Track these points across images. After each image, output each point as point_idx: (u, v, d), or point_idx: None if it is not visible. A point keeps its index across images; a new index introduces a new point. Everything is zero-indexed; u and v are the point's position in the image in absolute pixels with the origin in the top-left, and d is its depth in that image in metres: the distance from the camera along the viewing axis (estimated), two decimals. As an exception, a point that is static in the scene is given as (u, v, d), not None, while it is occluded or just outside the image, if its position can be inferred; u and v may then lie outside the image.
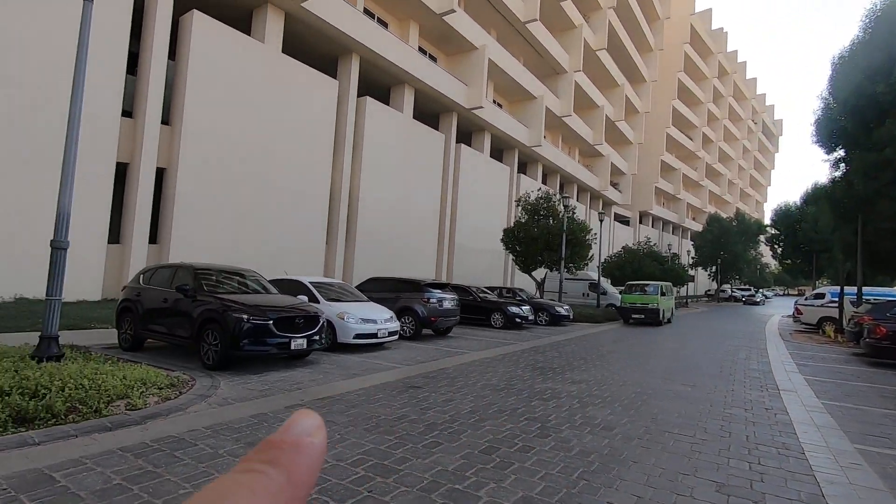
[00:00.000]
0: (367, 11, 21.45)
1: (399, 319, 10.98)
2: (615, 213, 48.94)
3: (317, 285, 10.14)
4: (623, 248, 35.51)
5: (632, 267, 32.14)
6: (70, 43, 11.61)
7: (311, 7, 17.01)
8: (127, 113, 13.78)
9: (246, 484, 0.20)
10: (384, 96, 23.29)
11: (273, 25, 16.96)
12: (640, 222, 53.40)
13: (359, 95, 20.72)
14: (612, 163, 43.98)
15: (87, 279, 12.53)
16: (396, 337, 10.24)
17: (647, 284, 21.00)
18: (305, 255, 18.01)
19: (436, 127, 26.18)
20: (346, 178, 19.90)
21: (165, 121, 14.55)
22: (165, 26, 14.22)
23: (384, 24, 22.68)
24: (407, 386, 6.73)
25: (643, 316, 19.89)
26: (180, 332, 7.55)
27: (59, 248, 5.50)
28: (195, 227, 14.69)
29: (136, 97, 14.06)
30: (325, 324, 8.18)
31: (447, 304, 12.25)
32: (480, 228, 27.87)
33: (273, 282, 9.59)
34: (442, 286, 12.72)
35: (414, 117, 23.81)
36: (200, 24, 14.70)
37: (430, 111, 25.78)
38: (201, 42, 14.69)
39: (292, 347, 7.26)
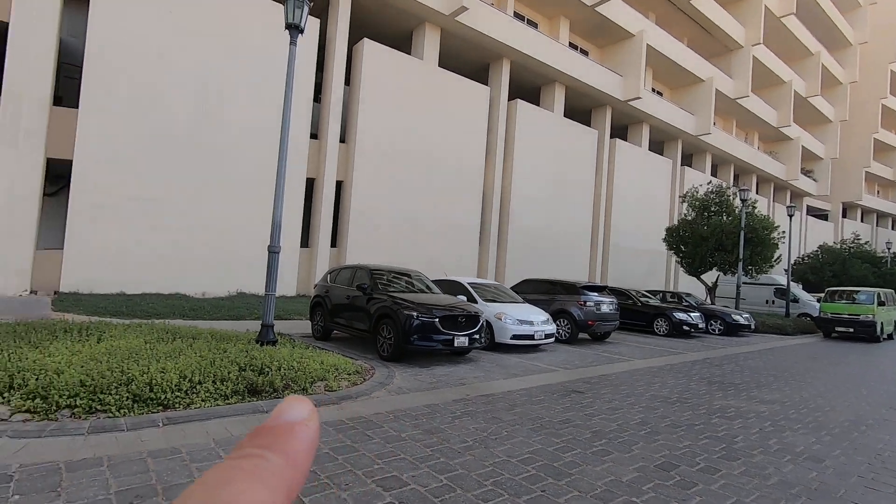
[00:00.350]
0: (516, 15, 21.65)
1: (554, 322, 10.84)
2: (808, 206, 41.47)
3: (474, 286, 10.55)
4: (820, 247, 29.89)
5: (832, 270, 26.87)
6: (266, 80, 13.99)
7: (465, 20, 17.77)
8: (313, 135, 16.04)
9: (246, 468, 0.21)
10: (534, 96, 23.22)
11: (430, 42, 18.14)
12: (844, 216, 44.32)
13: (509, 98, 21.00)
14: (802, 146, 37.35)
15: (286, 278, 14.87)
16: (552, 340, 10.13)
17: (857, 291, 17.35)
18: (460, 257, 18.85)
19: (588, 123, 25.23)
20: (497, 180, 20.32)
21: (342, 139, 16.58)
22: (342, 56, 16.21)
23: (534, 25, 22.62)
24: (568, 390, 6.63)
25: (852, 329, 16.49)
26: (360, 325, 8.52)
27: (273, 252, 6.68)
28: (366, 231, 16.44)
29: (320, 121, 16.29)
30: (485, 323, 8.47)
31: (605, 308, 11.71)
32: (639, 227, 26.02)
33: (434, 282, 10.25)
34: (599, 289, 12.20)
35: (565, 115, 23.28)
36: (370, 50, 16.43)
37: (582, 107, 24.94)
38: (371, 66, 16.41)
39: (455, 344, 7.68)
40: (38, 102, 11.36)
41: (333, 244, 16.48)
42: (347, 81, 16.85)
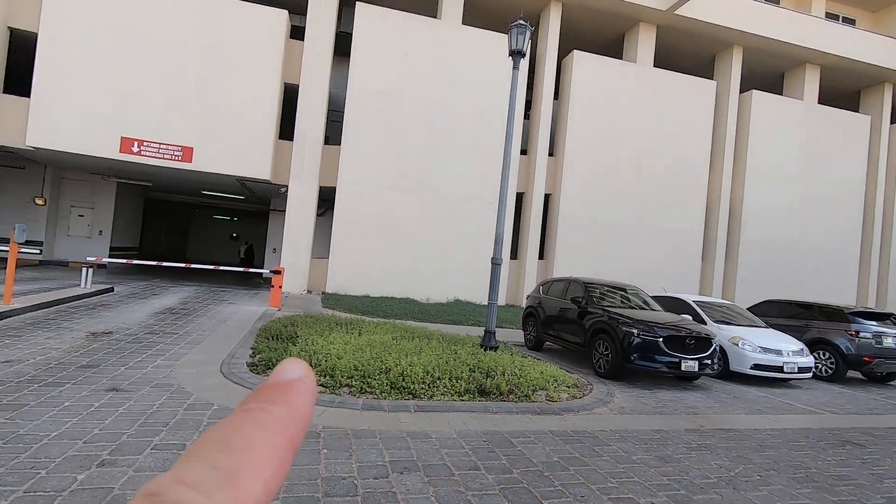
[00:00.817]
0: (751, -6, 18.80)
1: (810, 354, 8.94)
2: None
3: (701, 304, 9.44)
4: None
5: None
6: (479, 103, 15.08)
7: (687, 12, 16.26)
8: (523, 151, 16.65)
9: (252, 418, 0.24)
10: (775, 84, 19.76)
11: (644, 42, 17.10)
12: None
13: (741, 91, 18.31)
14: None
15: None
16: (809, 375, 8.37)
17: None
18: (679, 271, 17.09)
19: (855, 108, 20.25)
20: (725, 184, 17.86)
21: (551, 153, 16.81)
22: (552, 72, 16.49)
23: (775, 0, 19.29)
24: (840, 439, 5.39)
25: None
26: (573, 338, 8.46)
27: (496, 264, 7.17)
28: (575, 243, 16.27)
29: (529, 137, 16.85)
30: (717, 348, 7.51)
31: (891, 342, 9.14)
32: (939, 238, 19.63)
33: (653, 298, 9.52)
34: (880, 316, 9.60)
35: (820, 101, 19.16)
36: (580, 61, 16.35)
37: (845, 90, 20.20)
38: (580, 77, 16.30)
39: (682, 368, 7.00)
40: (315, 142, 14.52)
41: (541, 256, 16.74)
42: (556, 96, 17.04)
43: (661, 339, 7.02)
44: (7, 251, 7.95)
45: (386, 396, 5.08)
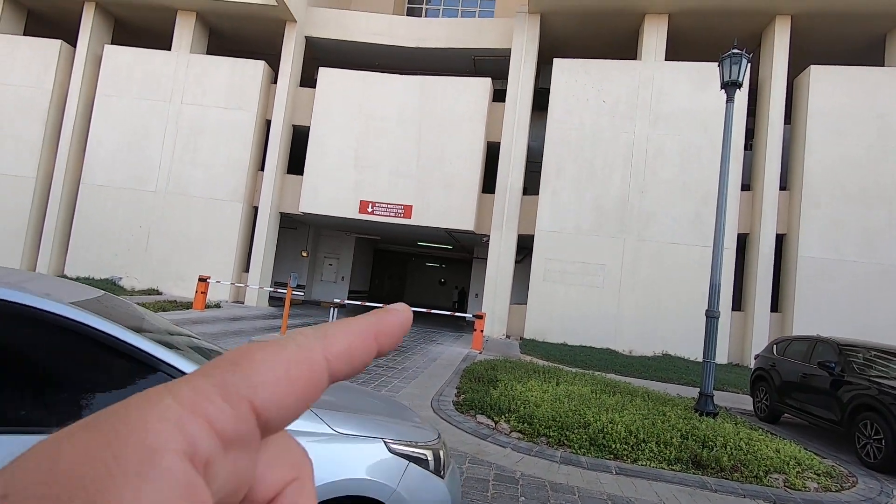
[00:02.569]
0: None
1: None
2: None
3: None
4: None
5: None
6: (689, 137, 13.84)
7: None
8: (745, 187, 14.59)
9: (353, 319, 0.30)
10: None
11: (918, 41, 13.60)
12: None
13: None
14: None
15: (716, 344, 13.71)
16: None
17: None
18: None
19: None
20: None
21: (783, 186, 14.34)
22: (780, 94, 14.31)
23: None
24: None
25: None
26: (822, 413, 6.84)
27: (712, 317, 6.38)
28: (822, 293, 13.28)
29: (753, 170, 14.73)
30: None
31: None
32: None
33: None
34: None
35: None
36: (819, 77, 13.85)
37: None
38: (822, 96, 13.75)
39: None
40: (515, 194, 15.34)
41: (774, 308, 14.09)
42: (787, 120, 14.64)
43: (970, 429, 5.17)
44: (285, 293, 10.39)
45: (585, 452, 4.92)
